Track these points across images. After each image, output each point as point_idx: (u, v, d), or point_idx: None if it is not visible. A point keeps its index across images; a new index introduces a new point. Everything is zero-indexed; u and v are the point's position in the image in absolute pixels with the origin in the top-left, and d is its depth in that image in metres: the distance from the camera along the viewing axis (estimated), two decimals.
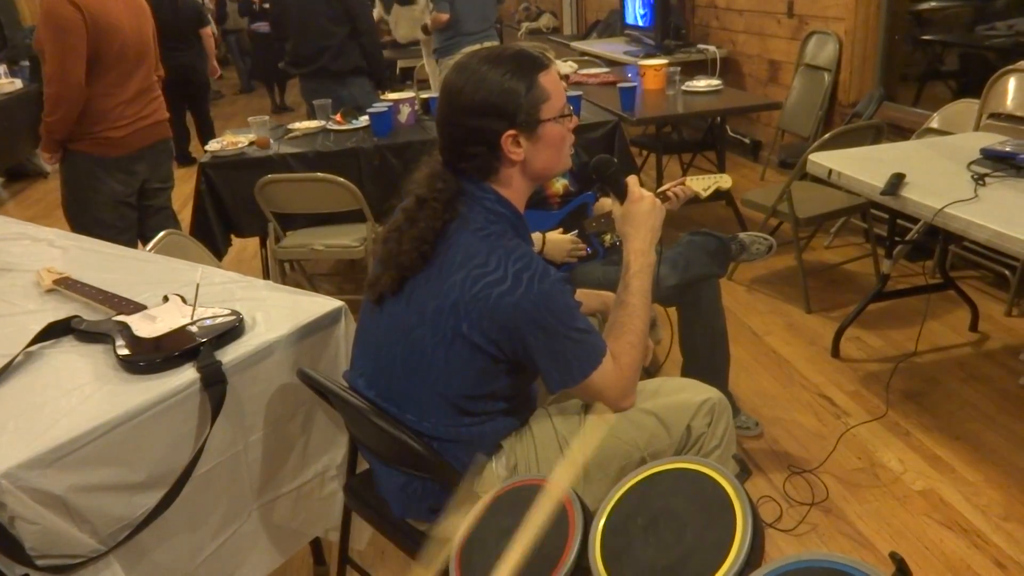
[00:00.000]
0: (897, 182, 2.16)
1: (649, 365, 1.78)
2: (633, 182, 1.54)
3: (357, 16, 4.10)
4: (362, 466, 1.64)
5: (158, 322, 1.53)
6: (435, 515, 1.45)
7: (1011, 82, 2.93)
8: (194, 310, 1.57)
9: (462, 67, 1.36)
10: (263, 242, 3.50)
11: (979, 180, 2.13)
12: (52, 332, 1.54)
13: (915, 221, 3.06)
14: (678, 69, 4.27)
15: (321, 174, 3.05)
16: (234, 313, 1.55)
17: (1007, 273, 3.16)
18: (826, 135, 2.99)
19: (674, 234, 2.37)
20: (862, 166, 2.36)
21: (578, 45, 6.50)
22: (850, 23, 4.12)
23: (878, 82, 4.14)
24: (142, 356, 1.43)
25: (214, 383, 1.40)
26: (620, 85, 3.85)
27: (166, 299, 1.64)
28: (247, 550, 1.56)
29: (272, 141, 3.39)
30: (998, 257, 3.18)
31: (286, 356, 1.55)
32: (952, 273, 3.12)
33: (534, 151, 1.38)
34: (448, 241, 1.34)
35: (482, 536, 1.18)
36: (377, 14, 4.90)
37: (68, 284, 1.76)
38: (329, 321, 1.64)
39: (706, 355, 2.32)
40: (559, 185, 2.47)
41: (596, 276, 2.28)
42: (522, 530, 1.05)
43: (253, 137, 3.37)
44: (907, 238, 3.18)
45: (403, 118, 3.52)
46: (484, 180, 1.39)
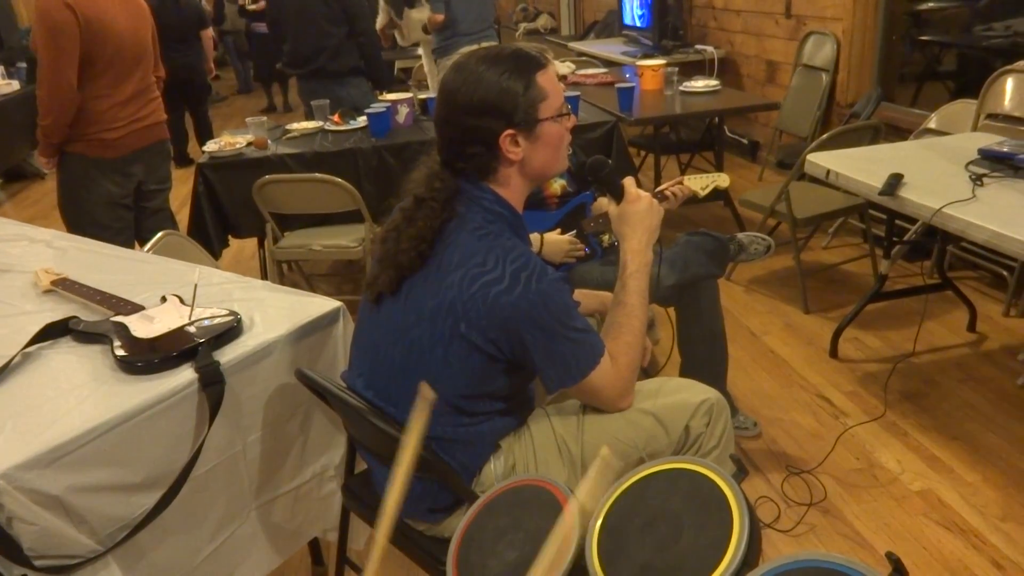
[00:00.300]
0: (895, 182, 2.16)
1: (648, 367, 1.78)
2: (630, 182, 1.55)
3: (355, 17, 4.09)
4: (360, 466, 1.64)
5: (156, 323, 1.53)
6: (434, 515, 1.45)
7: (1009, 82, 2.93)
8: (192, 310, 1.56)
9: (460, 67, 1.36)
10: (261, 243, 3.50)
11: (977, 180, 2.13)
12: (50, 333, 1.54)
13: (913, 221, 3.06)
14: (676, 69, 4.28)
15: (319, 175, 3.05)
16: (232, 313, 1.55)
17: (1005, 273, 3.16)
18: (824, 135, 2.99)
19: (672, 234, 2.38)
20: (860, 166, 2.36)
21: (576, 46, 6.49)
22: (848, 23, 4.12)
23: (876, 82, 4.14)
24: (140, 357, 1.43)
25: (212, 383, 1.40)
26: (618, 85, 3.85)
27: (164, 300, 1.64)
28: (245, 550, 1.56)
29: (270, 142, 3.39)
30: (996, 257, 3.18)
31: (284, 356, 1.55)
32: (950, 273, 3.11)
33: (532, 150, 1.38)
34: (446, 241, 1.34)
35: (479, 536, 1.18)
36: (380, 23, 4.88)
37: (66, 285, 1.76)
38: (327, 321, 1.64)
39: (704, 355, 2.32)
40: (557, 186, 2.47)
41: (594, 276, 2.28)
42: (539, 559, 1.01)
43: (251, 138, 3.37)
44: (905, 238, 3.18)
45: (401, 119, 3.52)
46: (482, 180, 1.39)
